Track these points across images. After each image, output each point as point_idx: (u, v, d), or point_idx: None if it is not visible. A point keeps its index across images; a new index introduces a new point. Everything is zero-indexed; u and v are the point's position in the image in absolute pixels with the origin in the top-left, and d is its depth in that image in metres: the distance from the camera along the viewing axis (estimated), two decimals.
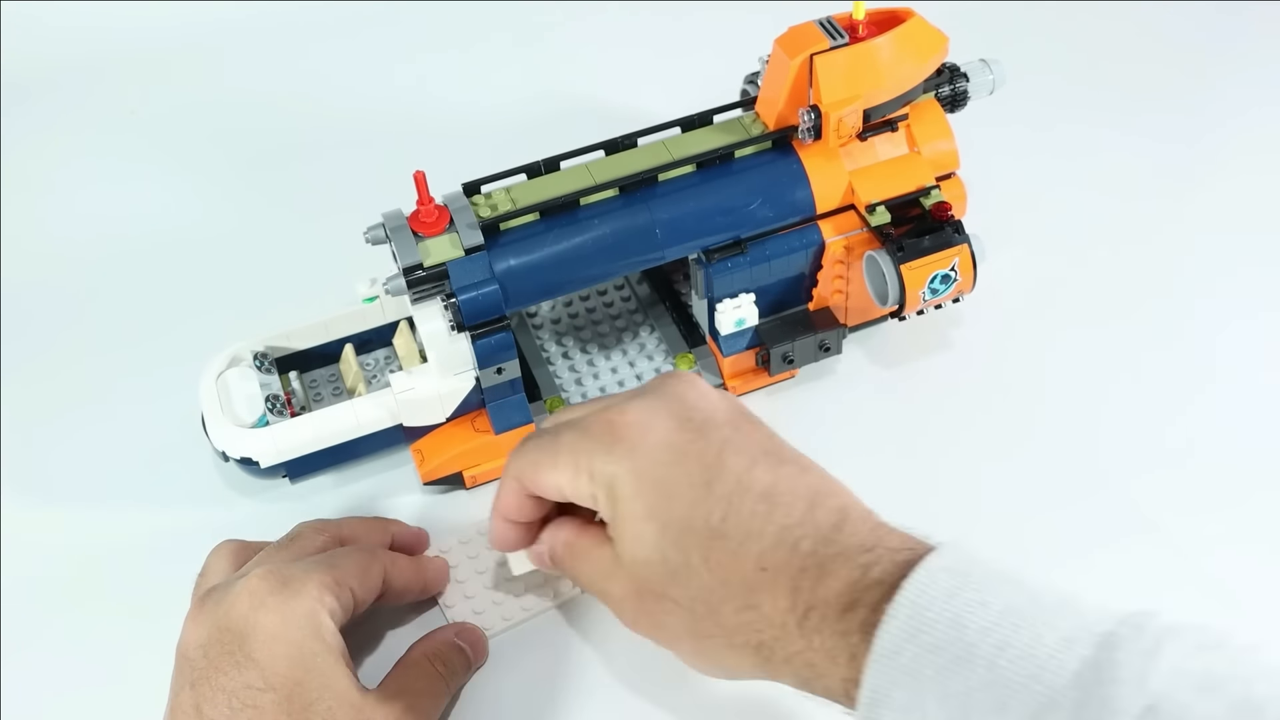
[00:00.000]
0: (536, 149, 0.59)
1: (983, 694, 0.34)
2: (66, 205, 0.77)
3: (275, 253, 0.72)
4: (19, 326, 0.69)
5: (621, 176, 0.56)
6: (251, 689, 0.43)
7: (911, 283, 0.56)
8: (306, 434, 0.56)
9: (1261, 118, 0.75)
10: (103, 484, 0.60)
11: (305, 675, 0.43)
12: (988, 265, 0.58)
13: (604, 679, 0.51)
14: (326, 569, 0.47)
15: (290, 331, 0.61)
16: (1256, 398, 0.60)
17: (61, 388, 0.65)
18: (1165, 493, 0.56)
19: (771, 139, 0.58)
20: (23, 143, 0.81)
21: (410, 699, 0.47)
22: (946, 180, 0.60)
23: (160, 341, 0.67)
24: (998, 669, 0.34)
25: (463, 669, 0.50)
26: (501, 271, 0.55)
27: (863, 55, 0.55)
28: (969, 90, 0.61)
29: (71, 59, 0.86)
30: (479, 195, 0.57)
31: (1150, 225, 0.69)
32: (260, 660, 0.43)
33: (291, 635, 0.44)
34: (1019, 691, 0.34)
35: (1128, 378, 0.61)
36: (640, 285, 0.65)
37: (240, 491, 0.59)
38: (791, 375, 0.62)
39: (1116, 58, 0.80)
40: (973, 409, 0.60)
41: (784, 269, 0.58)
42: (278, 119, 0.81)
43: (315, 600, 0.45)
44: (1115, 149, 0.74)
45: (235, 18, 0.87)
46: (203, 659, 0.44)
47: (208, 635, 0.44)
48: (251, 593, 0.44)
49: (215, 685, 0.43)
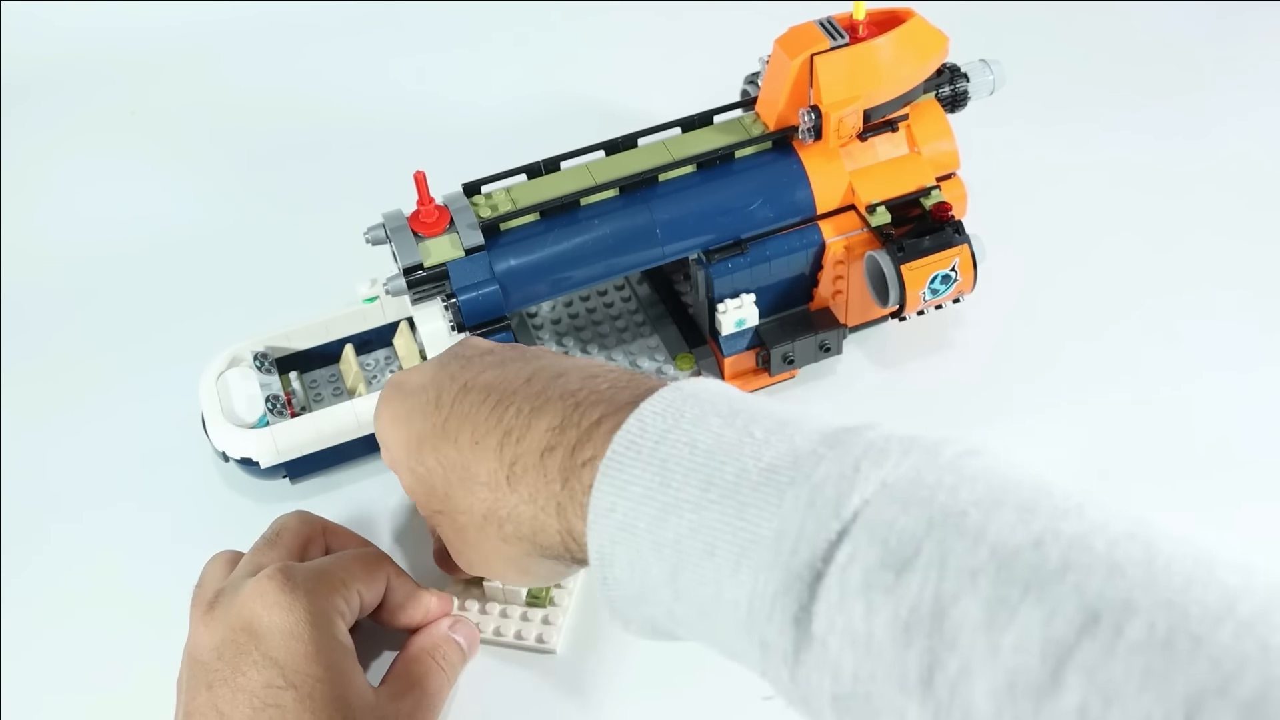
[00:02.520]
0: (537, 149, 0.59)
1: (690, 540, 0.34)
2: (66, 205, 0.77)
3: (276, 253, 0.72)
4: (18, 326, 0.69)
5: (622, 177, 0.56)
6: (272, 688, 0.43)
7: (912, 283, 0.56)
8: (307, 434, 0.56)
9: (1262, 117, 0.75)
10: (103, 484, 0.60)
11: (325, 672, 0.44)
12: (988, 265, 0.58)
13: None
14: (334, 570, 0.47)
15: (290, 331, 0.61)
16: (1256, 397, 0.60)
17: (61, 388, 0.65)
18: (1165, 493, 0.56)
19: (772, 139, 0.58)
20: (23, 143, 0.81)
21: (418, 694, 0.47)
22: (947, 180, 0.60)
23: (160, 341, 0.67)
24: (702, 510, 0.34)
25: (460, 662, 0.50)
26: (502, 272, 0.55)
27: (863, 55, 0.55)
28: (969, 90, 0.61)
29: (71, 59, 0.86)
30: (479, 195, 0.57)
31: (1151, 225, 0.69)
32: (279, 659, 0.43)
33: (308, 633, 0.44)
34: (722, 533, 0.34)
35: (1127, 378, 0.61)
36: (640, 285, 0.66)
37: (240, 492, 0.59)
38: (792, 375, 0.62)
39: (1117, 57, 0.80)
40: (973, 409, 0.60)
41: (784, 269, 0.58)
42: (278, 119, 0.81)
43: (325, 600, 0.45)
44: (1116, 149, 0.74)
45: (235, 18, 0.87)
46: (218, 661, 0.44)
47: (222, 638, 0.44)
48: (263, 593, 0.45)
49: (235, 686, 0.43)
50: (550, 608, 0.52)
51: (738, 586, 0.33)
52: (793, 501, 0.33)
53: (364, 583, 0.48)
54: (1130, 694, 0.26)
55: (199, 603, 0.47)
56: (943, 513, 0.31)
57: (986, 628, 0.29)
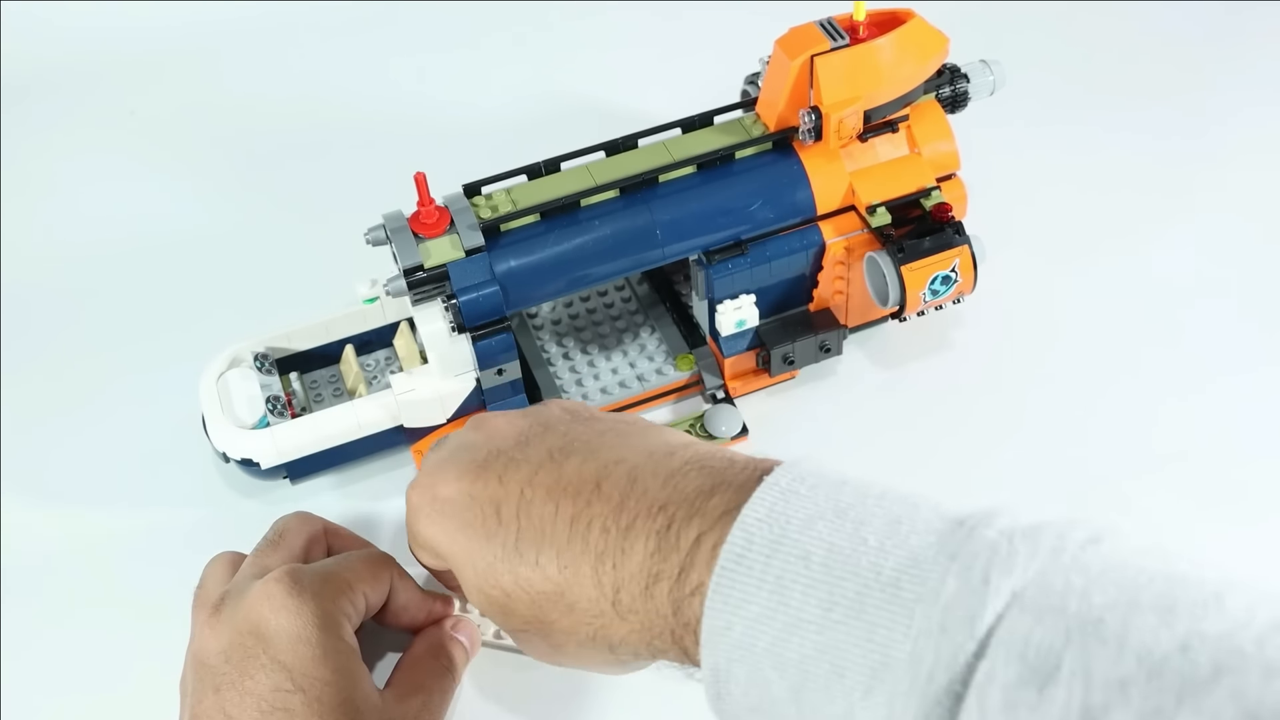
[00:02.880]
0: (537, 150, 0.59)
1: (816, 662, 0.33)
2: (66, 205, 0.77)
3: (276, 253, 0.72)
4: (19, 326, 0.69)
5: (622, 177, 0.56)
6: (280, 691, 0.43)
7: (912, 284, 0.56)
8: (307, 435, 0.56)
9: (1262, 116, 0.75)
10: (103, 484, 0.60)
11: (333, 675, 0.44)
12: (988, 266, 0.58)
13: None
14: (339, 572, 0.47)
15: (291, 332, 0.61)
16: (1256, 397, 0.60)
17: (61, 388, 0.65)
18: (1165, 494, 0.56)
19: (772, 140, 0.58)
20: (23, 143, 0.81)
21: (424, 696, 0.47)
22: (947, 181, 0.60)
23: (160, 342, 0.67)
24: (827, 631, 0.33)
25: (463, 663, 0.50)
26: (502, 272, 0.55)
27: (863, 56, 0.55)
28: (969, 91, 0.61)
29: (71, 59, 0.86)
30: (479, 196, 0.57)
31: (1151, 225, 0.69)
32: (287, 663, 0.43)
33: (316, 637, 0.44)
34: (851, 655, 0.32)
35: (1128, 378, 0.61)
36: (640, 285, 0.66)
37: (241, 492, 0.59)
38: (792, 376, 0.62)
39: (1117, 57, 0.80)
40: (973, 409, 0.60)
41: (784, 270, 0.58)
42: (278, 119, 0.81)
43: (332, 602, 0.45)
44: (1116, 149, 0.74)
45: (235, 18, 0.87)
46: (225, 664, 0.44)
47: (229, 641, 0.44)
48: (269, 596, 0.45)
49: (243, 690, 0.43)
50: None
51: (870, 709, 0.32)
52: (923, 623, 0.31)
53: (369, 584, 0.48)
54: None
55: (203, 605, 0.47)
56: (1079, 621, 0.30)
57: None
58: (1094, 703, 0.28)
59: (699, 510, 0.37)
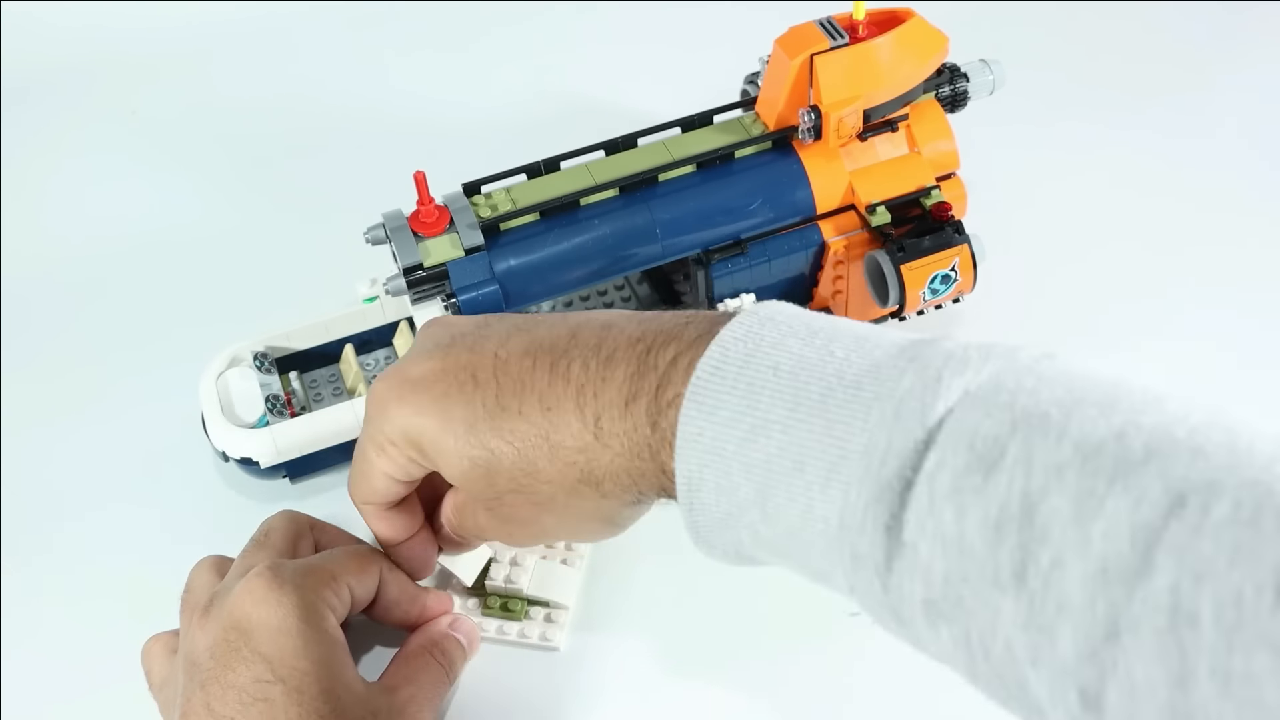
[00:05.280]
0: (536, 149, 0.59)
1: (780, 459, 0.35)
2: (66, 205, 0.77)
3: (276, 253, 0.72)
4: (19, 327, 0.69)
5: (621, 177, 0.56)
6: (260, 682, 0.43)
7: (912, 283, 0.56)
8: (307, 434, 0.56)
9: (1263, 116, 0.75)
10: (103, 484, 0.60)
11: (313, 666, 0.44)
12: (988, 265, 0.58)
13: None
14: (323, 564, 0.47)
15: (290, 331, 0.61)
16: (1257, 396, 0.60)
17: (61, 388, 0.65)
18: None
19: (772, 139, 0.58)
20: (23, 143, 0.81)
21: (413, 689, 0.47)
22: (947, 180, 0.60)
23: (160, 342, 0.67)
24: (791, 429, 0.35)
25: (460, 660, 0.50)
26: (502, 272, 0.55)
27: (863, 55, 0.55)
28: (969, 90, 0.61)
29: (71, 59, 0.86)
30: (479, 195, 0.57)
31: (1151, 224, 0.69)
32: (267, 654, 0.43)
33: (296, 628, 0.44)
34: (812, 450, 0.34)
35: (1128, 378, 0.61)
36: (640, 285, 0.66)
37: (240, 492, 0.59)
38: None
39: (1117, 56, 0.80)
40: None
41: (784, 269, 0.58)
42: (278, 119, 0.81)
43: (314, 594, 0.45)
44: (1116, 148, 0.74)
45: (235, 18, 0.87)
46: (210, 660, 0.44)
47: (214, 638, 0.44)
48: (252, 590, 0.44)
49: (225, 683, 0.43)
50: (554, 608, 0.52)
51: (828, 502, 0.34)
52: (879, 415, 0.33)
53: (355, 576, 0.47)
54: (1220, 570, 0.27)
55: (192, 608, 0.47)
56: (1025, 414, 0.32)
57: (1075, 519, 0.29)
58: (1033, 487, 0.30)
59: (676, 336, 0.39)
